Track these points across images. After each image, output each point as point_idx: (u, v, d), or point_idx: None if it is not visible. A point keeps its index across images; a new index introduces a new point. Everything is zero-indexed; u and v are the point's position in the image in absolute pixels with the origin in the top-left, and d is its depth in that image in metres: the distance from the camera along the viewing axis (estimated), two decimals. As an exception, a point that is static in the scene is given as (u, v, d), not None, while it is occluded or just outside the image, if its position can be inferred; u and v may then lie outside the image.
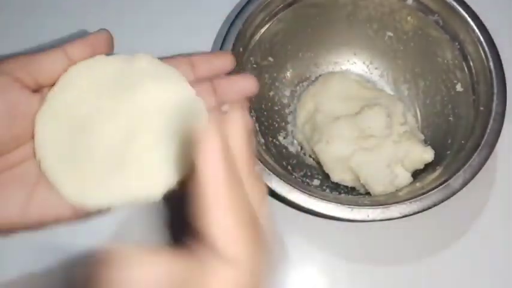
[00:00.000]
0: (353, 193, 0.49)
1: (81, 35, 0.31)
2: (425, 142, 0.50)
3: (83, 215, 0.28)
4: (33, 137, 0.28)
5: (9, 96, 0.26)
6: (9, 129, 0.26)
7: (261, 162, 0.42)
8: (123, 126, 0.28)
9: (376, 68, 0.56)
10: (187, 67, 0.31)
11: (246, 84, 0.32)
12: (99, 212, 0.28)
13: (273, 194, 0.42)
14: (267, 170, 0.42)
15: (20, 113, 0.27)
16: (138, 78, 0.29)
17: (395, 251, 0.49)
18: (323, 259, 0.48)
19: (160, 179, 0.28)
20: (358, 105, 0.48)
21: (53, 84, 0.28)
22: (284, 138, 0.54)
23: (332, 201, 0.41)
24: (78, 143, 0.28)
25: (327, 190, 0.49)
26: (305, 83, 0.56)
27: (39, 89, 0.28)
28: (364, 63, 0.56)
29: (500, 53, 0.45)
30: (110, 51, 0.29)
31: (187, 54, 0.32)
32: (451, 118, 0.49)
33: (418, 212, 0.40)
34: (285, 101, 0.55)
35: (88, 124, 0.28)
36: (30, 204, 0.27)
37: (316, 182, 0.50)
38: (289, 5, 0.50)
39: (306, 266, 0.48)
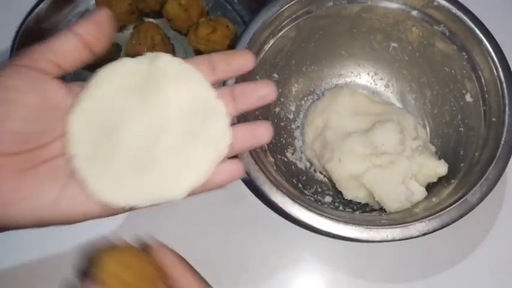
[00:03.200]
0: (366, 209, 0.48)
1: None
2: (436, 153, 0.49)
3: (110, 212, 0.29)
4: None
5: (40, 88, 0.26)
6: (42, 122, 0.27)
7: (273, 184, 0.42)
8: (149, 126, 0.29)
9: (381, 79, 0.55)
10: (207, 67, 0.31)
11: (265, 92, 0.31)
12: (124, 210, 0.29)
13: (287, 216, 0.41)
14: (281, 192, 0.41)
15: (51, 105, 0.27)
16: (161, 79, 0.30)
17: (409, 267, 0.48)
18: (335, 277, 0.48)
19: (183, 180, 0.29)
20: (369, 120, 0.47)
21: (74, 65, 0.28)
22: (292, 154, 0.53)
23: (349, 223, 0.40)
24: (107, 142, 0.29)
25: (340, 206, 0.49)
26: (310, 97, 0.56)
27: (64, 73, 0.28)
28: (368, 74, 0.55)
29: (510, 63, 0.44)
30: (112, 26, 0.29)
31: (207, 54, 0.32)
32: (461, 129, 0.48)
33: (438, 230, 0.40)
34: (291, 116, 0.54)
35: (117, 124, 0.29)
36: (61, 199, 0.27)
37: (328, 199, 0.50)
38: (293, 21, 0.49)
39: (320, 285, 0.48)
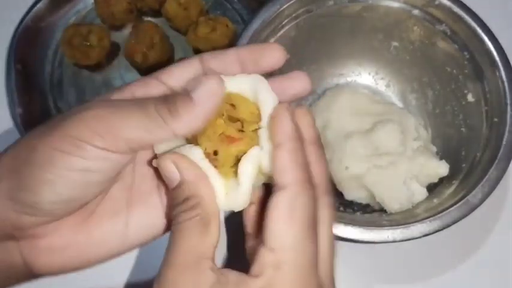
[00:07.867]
0: (367, 210, 0.48)
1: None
2: (437, 154, 0.49)
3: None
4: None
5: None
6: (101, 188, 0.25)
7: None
8: None
9: (382, 79, 0.55)
10: (235, 64, 0.28)
11: (300, 85, 0.28)
12: None
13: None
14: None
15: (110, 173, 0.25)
16: None
17: (410, 269, 0.48)
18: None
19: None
20: (370, 121, 0.47)
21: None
22: (292, 154, 0.52)
23: (350, 224, 0.40)
24: None
25: (340, 207, 0.48)
26: (310, 97, 0.55)
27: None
28: (369, 73, 0.55)
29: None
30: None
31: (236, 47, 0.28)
32: (463, 129, 0.48)
33: (439, 230, 0.40)
34: (291, 116, 0.54)
35: None
36: (128, 230, 0.27)
37: (328, 200, 0.49)
38: (293, 20, 0.48)
39: None
